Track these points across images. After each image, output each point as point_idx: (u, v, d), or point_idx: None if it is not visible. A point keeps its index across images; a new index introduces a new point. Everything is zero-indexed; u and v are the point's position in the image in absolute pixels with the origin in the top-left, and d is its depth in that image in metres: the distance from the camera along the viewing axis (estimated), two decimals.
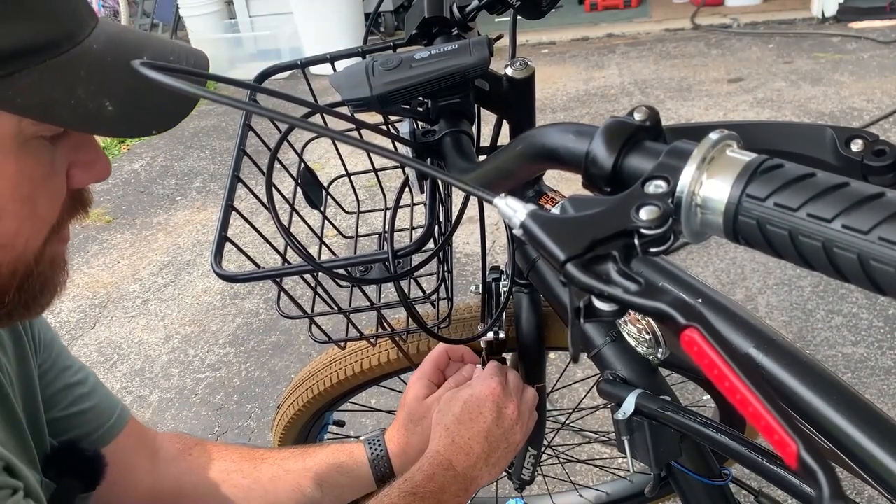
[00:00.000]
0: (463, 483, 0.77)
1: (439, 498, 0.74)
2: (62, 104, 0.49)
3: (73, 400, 0.79)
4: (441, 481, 0.75)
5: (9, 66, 0.47)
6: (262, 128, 0.83)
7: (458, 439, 0.79)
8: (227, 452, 0.89)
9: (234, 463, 0.88)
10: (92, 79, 0.51)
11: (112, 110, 0.51)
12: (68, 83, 0.50)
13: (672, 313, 0.30)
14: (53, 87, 0.49)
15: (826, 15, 4.52)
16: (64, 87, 0.49)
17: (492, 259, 2.39)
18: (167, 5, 5.84)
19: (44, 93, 0.49)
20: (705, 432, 0.70)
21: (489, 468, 0.81)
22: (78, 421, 0.79)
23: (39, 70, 0.48)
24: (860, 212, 0.31)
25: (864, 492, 1.52)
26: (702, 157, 0.36)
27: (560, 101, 3.83)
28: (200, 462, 0.88)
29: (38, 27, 0.49)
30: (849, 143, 0.43)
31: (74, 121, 0.50)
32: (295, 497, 0.86)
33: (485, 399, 0.82)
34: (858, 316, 2.03)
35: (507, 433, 0.82)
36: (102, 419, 0.81)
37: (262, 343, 2.29)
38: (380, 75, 0.60)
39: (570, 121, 0.50)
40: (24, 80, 0.48)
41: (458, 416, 0.81)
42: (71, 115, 0.50)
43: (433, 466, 0.77)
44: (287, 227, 0.77)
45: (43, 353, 0.76)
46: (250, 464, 0.88)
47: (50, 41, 0.50)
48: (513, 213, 0.37)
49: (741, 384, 0.27)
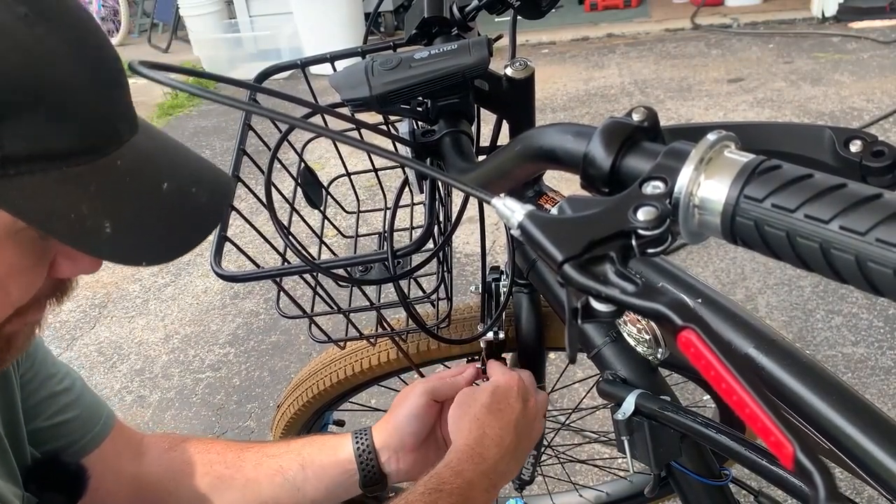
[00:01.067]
0: (492, 478, 0.74)
1: (467, 495, 0.70)
2: (61, 216, 0.46)
3: (58, 409, 0.77)
4: (470, 476, 0.72)
5: (21, 166, 0.45)
6: (262, 128, 0.83)
7: (489, 430, 0.76)
8: (211, 445, 0.88)
9: (217, 454, 0.87)
10: (101, 197, 0.48)
11: (109, 233, 0.48)
12: (75, 197, 0.47)
13: (669, 314, 0.30)
14: (58, 198, 0.46)
15: (826, 15, 4.52)
16: (69, 199, 0.47)
17: (492, 259, 2.40)
18: (167, 5, 5.83)
19: (46, 201, 0.46)
20: (705, 432, 0.70)
21: (516, 461, 0.78)
22: (62, 430, 0.77)
23: (51, 177, 0.46)
24: (858, 213, 0.31)
25: (864, 492, 1.52)
26: (699, 157, 0.36)
27: (560, 101, 3.83)
28: (184, 457, 0.87)
29: (66, 132, 0.46)
30: (847, 143, 0.43)
31: (66, 234, 0.47)
32: (277, 481, 0.84)
33: (510, 388, 0.80)
34: (858, 316, 2.03)
35: (532, 424, 0.81)
36: (87, 427, 0.80)
37: (262, 343, 2.30)
38: (379, 75, 0.60)
39: (570, 121, 0.50)
40: (31, 184, 0.45)
41: (487, 405, 0.78)
42: (65, 229, 0.47)
43: (462, 462, 0.73)
44: (287, 226, 0.77)
45: (25, 361, 0.75)
46: (234, 453, 0.87)
47: (73, 150, 0.47)
48: (510, 213, 0.37)
49: (738, 385, 0.27)
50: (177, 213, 0.53)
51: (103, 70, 0.49)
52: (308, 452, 0.86)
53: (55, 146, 0.46)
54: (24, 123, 0.44)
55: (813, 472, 0.25)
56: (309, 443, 0.88)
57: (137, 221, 0.51)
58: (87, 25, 0.49)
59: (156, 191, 0.52)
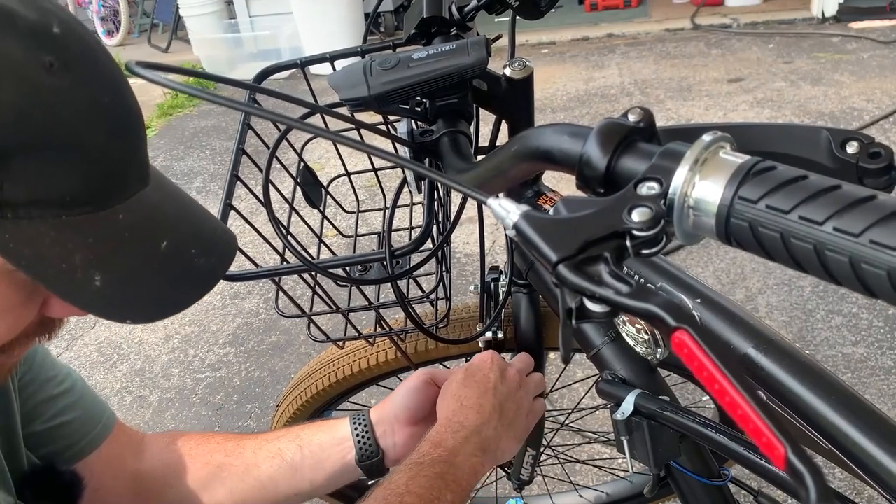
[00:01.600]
0: (477, 442, 0.74)
1: (451, 461, 0.71)
2: (52, 265, 0.46)
3: (57, 412, 0.77)
4: (451, 444, 0.73)
5: (20, 210, 0.44)
6: (261, 127, 0.83)
7: (465, 400, 0.78)
8: (211, 437, 0.89)
9: (217, 444, 0.88)
10: (96, 249, 0.47)
11: (99, 286, 0.47)
12: (70, 246, 0.46)
13: (662, 315, 0.30)
14: (53, 245, 0.45)
15: (826, 15, 4.52)
16: (64, 248, 0.46)
17: (491, 259, 2.40)
18: (167, 5, 5.84)
19: (40, 248, 0.45)
20: (704, 432, 0.70)
21: (506, 427, 0.79)
22: (62, 432, 0.77)
23: (49, 223, 0.45)
24: (852, 214, 0.31)
25: (864, 492, 1.52)
26: (694, 158, 0.36)
27: (560, 101, 3.83)
28: (184, 450, 0.87)
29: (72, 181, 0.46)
30: (844, 145, 0.43)
31: (54, 284, 0.46)
32: (275, 462, 0.85)
33: (483, 361, 0.83)
34: (858, 316, 2.03)
35: (514, 392, 0.81)
36: (87, 428, 0.80)
37: (261, 343, 2.30)
38: (378, 75, 0.60)
39: (569, 121, 0.50)
40: (28, 229, 0.44)
41: (462, 380, 0.80)
42: (54, 278, 0.46)
43: (440, 433, 0.74)
44: (286, 226, 0.77)
45: (23, 366, 0.74)
46: (234, 443, 0.88)
47: (76, 199, 0.46)
48: (506, 213, 0.37)
49: (730, 387, 0.27)
50: (172, 273, 0.52)
51: (120, 124, 0.49)
52: (306, 434, 0.88)
53: (58, 194, 0.45)
54: (30, 169, 0.44)
55: (804, 473, 0.25)
56: (308, 426, 0.90)
57: (130, 278, 0.50)
58: (113, 80, 0.49)
59: (154, 248, 0.51)
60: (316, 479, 0.86)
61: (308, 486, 0.86)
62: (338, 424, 0.88)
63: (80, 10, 6.40)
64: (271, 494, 0.85)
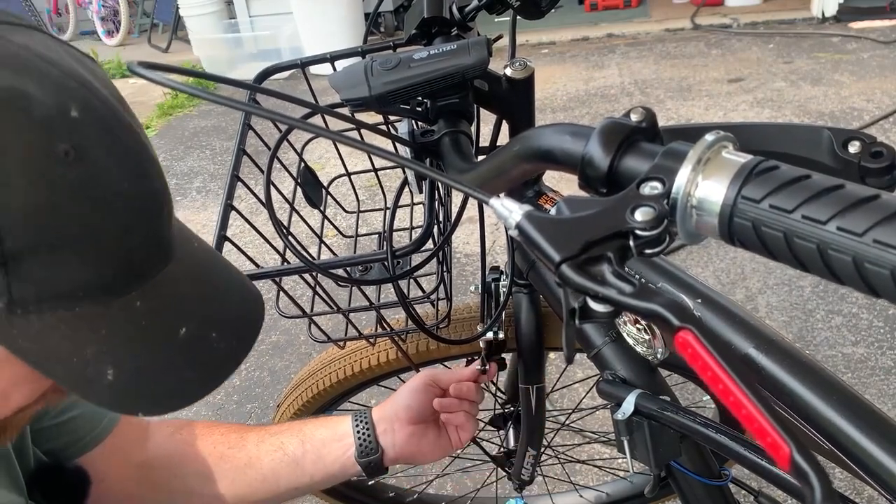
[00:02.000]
0: None
1: None
2: (61, 360, 0.43)
3: (65, 407, 0.77)
4: None
5: (30, 307, 0.41)
6: (261, 127, 0.83)
7: None
8: (215, 428, 0.90)
9: (221, 435, 0.89)
10: (110, 341, 0.45)
11: (111, 381, 0.44)
12: (82, 339, 0.43)
13: (666, 315, 0.30)
14: (63, 339, 0.43)
15: (826, 15, 4.52)
16: (75, 342, 0.43)
17: (492, 259, 2.39)
18: (167, 5, 5.84)
19: (50, 343, 0.42)
20: (705, 433, 0.70)
21: None
22: (68, 427, 0.78)
23: (59, 317, 0.42)
24: (855, 214, 0.31)
25: (864, 492, 1.52)
26: (697, 158, 0.36)
27: (560, 101, 3.83)
28: (188, 439, 0.88)
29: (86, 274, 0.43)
30: (846, 144, 0.43)
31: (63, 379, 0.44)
32: (277, 456, 0.86)
33: None
34: (858, 316, 2.03)
35: None
36: (94, 422, 0.80)
37: (261, 343, 2.29)
38: (378, 75, 0.60)
39: (570, 121, 0.50)
40: (36, 324, 0.42)
41: None
42: (63, 373, 0.43)
43: None
44: (286, 226, 0.77)
45: None
46: (237, 434, 0.89)
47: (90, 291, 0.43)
48: (508, 213, 0.37)
49: (734, 387, 0.27)
50: (188, 361, 0.49)
51: (141, 209, 0.46)
52: (309, 429, 0.89)
53: (70, 288, 0.43)
54: (39, 267, 0.41)
55: (809, 472, 0.25)
56: (310, 421, 0.92)
57: (143, 371, 0.47)
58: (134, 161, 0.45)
59: (171, 336, 0.48)
60: (316, 474, 0.87)
61: (308, 480, 0.87)
62: (340, 421, 0.89)
63: (80, 10, 6.41)
64: (272, 487, 0.87)
